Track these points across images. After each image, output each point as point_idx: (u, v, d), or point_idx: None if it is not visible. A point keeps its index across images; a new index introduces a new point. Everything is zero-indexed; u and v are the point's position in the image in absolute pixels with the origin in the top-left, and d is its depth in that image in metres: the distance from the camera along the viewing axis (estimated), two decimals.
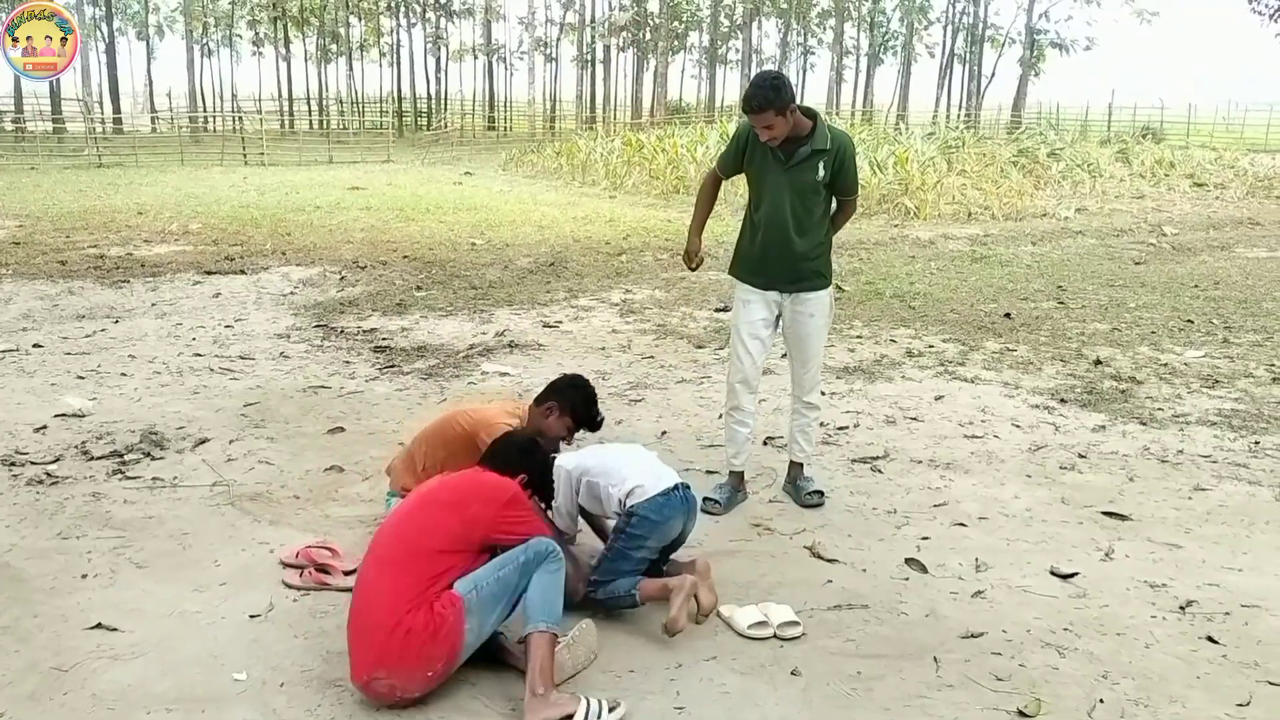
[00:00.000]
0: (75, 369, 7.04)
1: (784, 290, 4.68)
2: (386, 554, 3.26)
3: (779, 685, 3.31)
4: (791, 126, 4.41)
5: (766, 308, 4.72)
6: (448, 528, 3.27)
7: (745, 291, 4.75)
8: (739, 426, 4.84)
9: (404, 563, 3.19)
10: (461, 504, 3.35)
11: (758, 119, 4.33)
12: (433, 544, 3.23)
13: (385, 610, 3.11)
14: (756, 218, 4.68)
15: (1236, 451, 5.65)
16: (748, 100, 4.32)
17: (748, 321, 4.74)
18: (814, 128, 4.49)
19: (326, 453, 5.43)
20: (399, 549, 3.25)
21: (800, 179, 4.53)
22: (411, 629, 3.07)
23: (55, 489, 4.86)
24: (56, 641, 3.49)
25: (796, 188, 4.54)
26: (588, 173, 24.21)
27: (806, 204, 4.57)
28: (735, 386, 4.82)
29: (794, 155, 4.49)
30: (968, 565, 4.21)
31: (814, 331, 4.75)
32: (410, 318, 8.88)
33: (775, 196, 4.57)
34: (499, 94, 61.69)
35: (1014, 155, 24.14)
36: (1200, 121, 45.49)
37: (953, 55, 57.57)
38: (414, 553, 3.21)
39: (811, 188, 4.55)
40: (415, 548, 3.23)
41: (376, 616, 3.12)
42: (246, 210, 16.48)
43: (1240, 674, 3.41)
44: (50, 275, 10.55)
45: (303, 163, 28.83)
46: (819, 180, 4.54)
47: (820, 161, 4.50)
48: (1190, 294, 10.34)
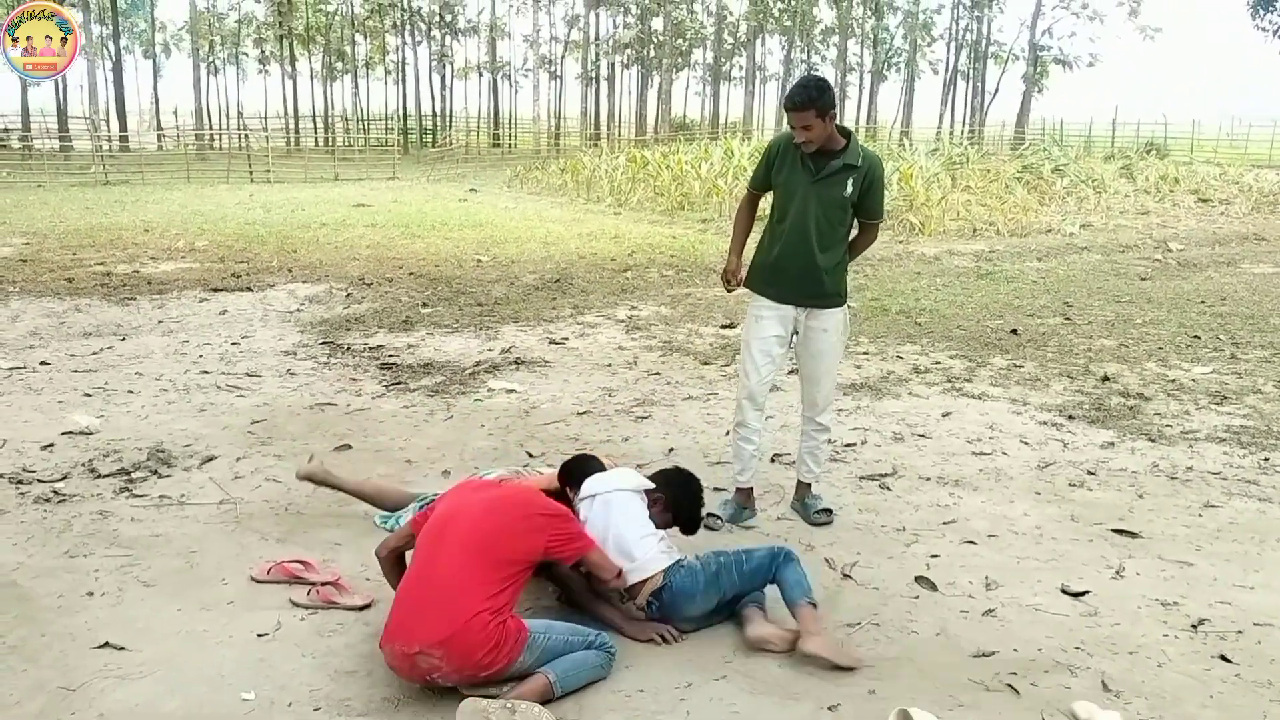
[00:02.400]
0: (82, 386, 7.05)
1: (800, 304, 4.65)
2: (470, 540, 3.33)
3: (789, 705, 3.29)
4: (827, 137, 4.42)
5: (781, 324, 4.68)
6: (516, 540, 3.38)
7: (760, 307, 4.71)
8: (745, 444, 4.81)
9: (486, 555, 3.29)
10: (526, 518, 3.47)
11: (798, 117, 4.32)
12: (510, 548, 3.35)
13: (466, 597, 3.20)
14: (779, 228, 4.64)
15: (1246, 468, 5.63)
16: (791, 97, 4.33)
17: (760, 337, 4.70)
18: (847, 144, 4.49)
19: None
20: (481, 539, 3.33)
21: (828, 193, 4.50)
22: (485, 629, 3.16)
23: (62, 507, 4.86)
24: (64, 660, 3.48)
25: (823, 201, 4.51)
26: (593, 189, 24.26)
27: (831, 219, 4.55)
28: (743, 403, 4.79)
29: (824, 168, 4.47)
30: (978, 583, 4.19)
31: (828, 348, 4.72)
32: (416, 334, 8.89)
33: (801, 207, 4.54)
34: (504, 111, 61.86)
35: (1018, 171, 24.20)
36: (1204, 137, 45.51)
37: (956, 72, 57.73)
38: (494, 548, 3.32)
39: (838, 203, 4.53)
40: (496, 543, 3.34)
41: (455, 600, 3.20)
42: (252, 227, 16.53)
43: (1254, 693, 3.38)
44: (57, 293, 10.58)
45: (308, 180, 28.93)
46: (846, 197, 4.52)
47: (850, 178, 4.49)
48: (1197, 310, 10.33)
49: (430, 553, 3.37)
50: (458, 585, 3.22)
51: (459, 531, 3.37)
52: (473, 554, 3.29)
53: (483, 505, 3.48)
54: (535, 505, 3.56)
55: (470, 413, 6.55)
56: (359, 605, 3.89)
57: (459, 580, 3.23)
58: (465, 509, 3.47)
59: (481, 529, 3.37)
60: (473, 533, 3.35)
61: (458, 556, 3.30)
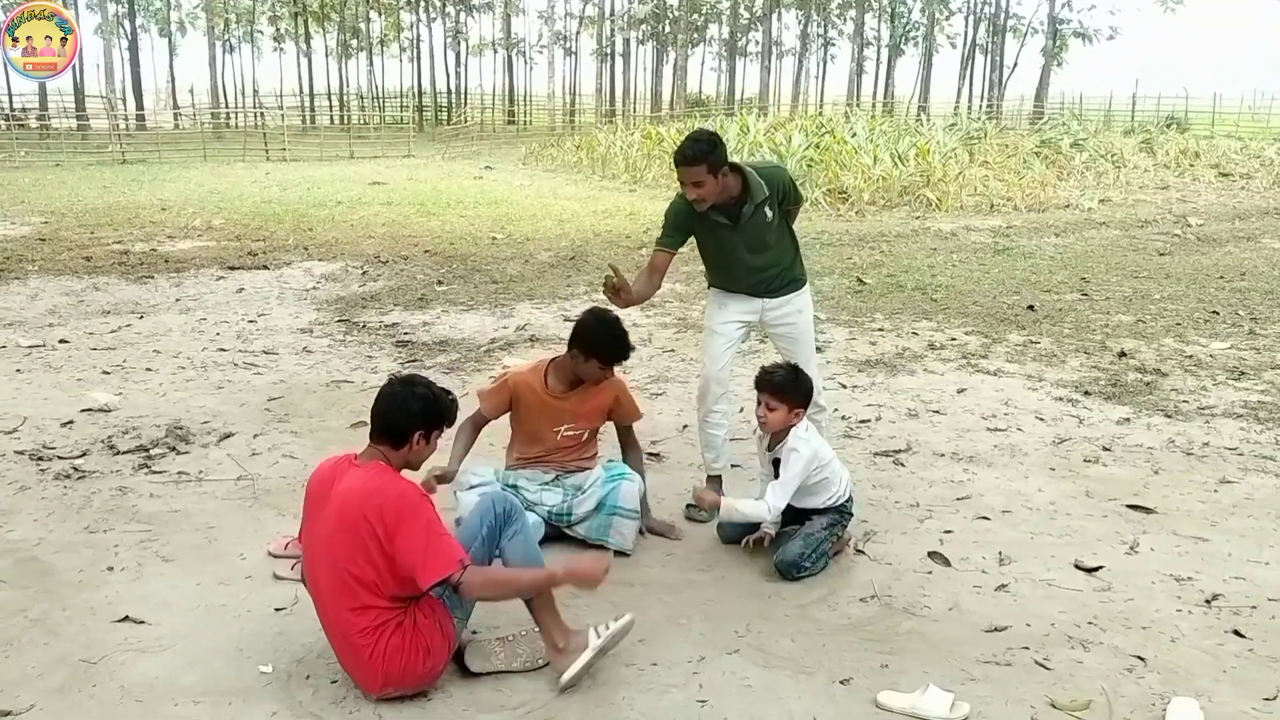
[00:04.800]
0: (101, 364, 7.10)
1: (765, 296, 4.59)
2: (325, 589, 3.12)
3: (802, 679, 3.31)
4: (722, 189, 4.30)
5: (744, 311, 4.61)
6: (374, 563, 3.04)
7: (723, 294, 4.66)
8: (715, 430, 4.72)
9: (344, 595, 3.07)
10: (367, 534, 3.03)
11: (689, 172, 4.21)
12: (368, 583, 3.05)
13: (355, 646, 3.07)
14: (721, 267, 4.61)
15: (1263, 444, 5.60)
16: (681, 151, 4.21)
17: (723, 322, 4.63)
18: (745, 183, 4.36)
19: (350, 447, 5.32)
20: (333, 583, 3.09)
21: (753, 231, 4.44)
22: (396, 647, 3.05)
23: (82, 483, 4.91)
24: (85, 634, 3.53)
25: (752, 238, 4.45)
26: (608, 166, 24.19)
27: (766, 243, 4.49)
28: (710, 389, 4.67)
29: (740, 216, 4.39)
30: (991, 559, 4.20)
31: (804, 330, 4.66)
32: (432, 312, 8.91)
33: (735, 254, 4.49)
34: (518, 88, 61.69)
35: (1036, 146, 23.99)
36: (1225, 111, 45.04)
37: (974, 46, 57.16)
38: (349, 584, 3.06)
39: (765, 229, 4.46)
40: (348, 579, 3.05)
41: (352, 653, 3.09)
42: (269, 206, 16.57)
43: (1268, 668, 3.38)
44: (75, 271, 10.64)
45: (324, 158, 28.97)
46: (769, 223, 4.45)
47: (766, 207, 4.41)
48: (1216, 285, 10.25)
49: (317, 600, 3.19)
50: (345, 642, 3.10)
51: (323, 582, 3.13)
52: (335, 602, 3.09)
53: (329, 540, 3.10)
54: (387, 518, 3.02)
55: None
56: None
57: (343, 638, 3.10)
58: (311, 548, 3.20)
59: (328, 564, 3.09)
60: (326, 578, 3.11)
61: (326, 609, 3.14)
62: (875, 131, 22.07)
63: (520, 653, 3.33)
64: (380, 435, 3.23)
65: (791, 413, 4.08)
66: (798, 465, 4.02)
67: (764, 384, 4.12)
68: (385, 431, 3.22)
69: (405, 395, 3.24)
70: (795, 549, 3.99)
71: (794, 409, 4.08)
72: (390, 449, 3.22)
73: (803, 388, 4.13)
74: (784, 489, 4.02)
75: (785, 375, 4.13)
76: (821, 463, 4.10)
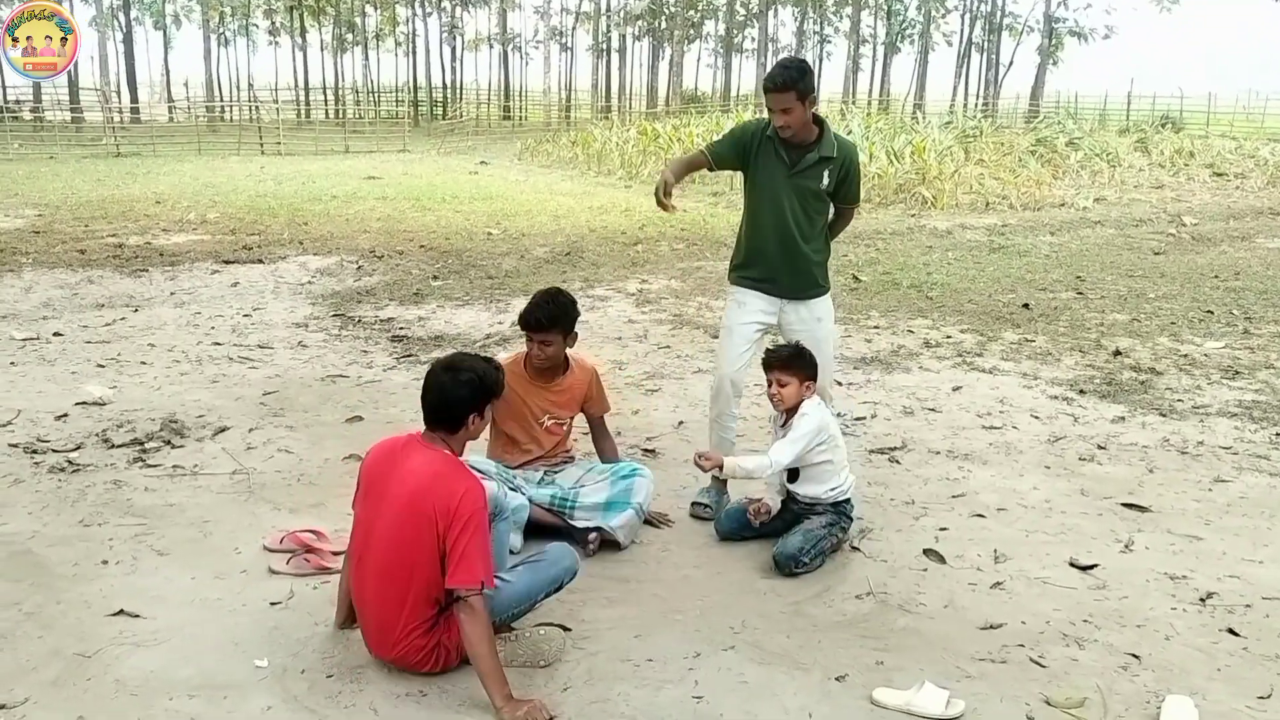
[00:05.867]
0: (95, 357, 7.09)
1: (787, 297, 4.54)
2: (385, 570, 3.18)
3: (797, 675, 3.31)
4: (803, 125, 4.31)
5: (764, 312, 4.56)
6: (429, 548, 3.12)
7: (744, 293, 4.60)
8: (725, 433, 4.68)
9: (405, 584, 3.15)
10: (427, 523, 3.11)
11: (778, 99, 4.21)
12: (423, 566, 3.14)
13: (391, 628, 3.18)
14: (757, 222, 4.53)
15: (1257, 443, 5.62)
16: (771, 78, 4.22)
17: (743, 322, 4.56)
18: (821, 134, 4.38)
19: (345, 441, 5.45)
20: (392, 560, 3.17)
21: (804, 185, 4.40)
22: (421, 647, 3.18)
23: (77, 476, 4.90)
24: (79, 628, 3.52)
25: (800, 194, 4.41)
26: (603, 162, 24.17)
27: (809, 211, 4.46)
28: (723, 391, 4.61)
29: (800, 161, 4.36)
30: (986, 556, 4.20)
31: (825, 335, 4.61)
32: (427, 307, 8.90)
33: (778, 202, 4.44)
34: (514, 83, 61.67)
35: (1032, 144, 24.03)
36: (1220, 110, 45.13)
37: (970, 44, 57.19)
38: (406, 568, 3.14)
39: (815, 194, 4.43)
40: (407, 563, 3.14)
41: (384, 631, 3.19)
42: (264, 200, 16.54)
43: (1261, 666, 3.39)
44: (70, 264, 10.61)
45: (319, 152, 28.91)
46: (823, 188, 4.42)
47: (826, 170, 4.39)
48: (1210, 284, 10.27)
49: (358, 567, 3.27)
50: (381, 619, 3.20)
51: (376, 556, 3.20)
52: (390, 582, 3.17)
53: (394, 519, 3.17)
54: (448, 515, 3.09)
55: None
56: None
57: (382, 613, 3.19)
58: (380, 519, 3.22)
59: (395, 556, 3.16)
60: (388, 561, 3.17)
61: (376, 586, 3.20)
62: (871, 129, 22.09)
63: (521, 652, 3.34)
64: (436, 423, 3.28)
65: (803, 386, 4.12)
66: (806, 427, 4.06)
67: (771, 362, 4.15)
68: (440, 420, 3.27)
69: (452, 383, 3.26)
70: (795, 543, 4.00)
71: (804, 382, 4.12)
72: (448, 434, 3.27)
73: (809, 360, 4.16)
74: (790, 447, 4.06)
75: (790, 350, 4.17)
76: (829, 435, 4.14)
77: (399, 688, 3.18)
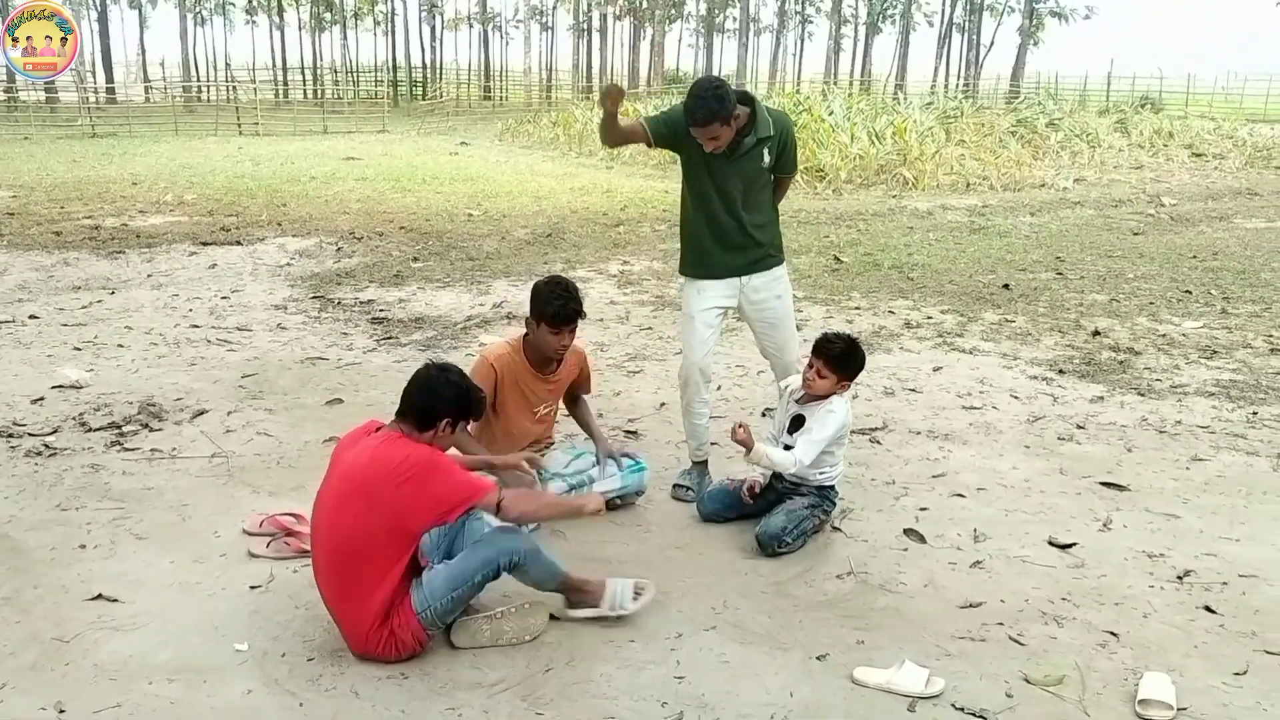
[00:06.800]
0: (72, 340, 7.02)
1: (743, 274, 4.49)
2: (328, 554, 3.19)
3: (778, 654, 3.32)
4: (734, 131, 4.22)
5: (723, 296, 4.51)
6: (374, 526, 3.10)
7: (700, 283, 4.54)
8: (697, 419, 4.65)
9: (346, 569, 3.14)
10: (373, 495, 3.09)
11: (703, 132, 4.12)
12: (367, 549, 3.12)
13: (350, 621, 3.18)
14: (702, 206, 4.45)
15: (1234, 422, 5.66)
16: (691, 113, 4.10)
17: (702, 309, 4.51)
18: (753, 114, 4.29)
19: (325, 424, 5.42)
20: (336, 553, 3.16)
21: (745, 168, 4.35)
22: (378, 641, 3.17)
23: (54, 460, 4.86)
24: (57, 612, 3.49)
25: (742, 176, 4.36)
26: (584, 143, 24.06)
27: (754, 189, 4.41)
28: (692, 379, 4.57)
29: (739, 147, 4.29)
30: (966, 536, 4.22)
31: (783, 313, 4.58)
32: (407, 289, 8.86)
33: (722, 186, 4.37)
34: (494, 63, 61.33)
35: (1012, 125, 24.05)
36: (1199, 91, 45.33)
37: (951, 24, 57.25)
38: (351, 558, 3.13)
39: (757, 173, 4.38)
40: (351, 553, 3.12)
41: (347, 622, 3.20)
42: (241, 181, 16.41)
43: (1238, 643, 3.42)
44: (45, 246, 10.50)
45: (297, 133, 28.69)
46: (764, 167, 4.38)
47: (765, 148, 4.34)
48: (1189, 265, 10.33)
49: (316, 563, 3.26)
50: (341, 614, 3.20)
51: (317, 542, 3.23)
52: (336, 572, 3.16)
53: (333, 496, 3.20)
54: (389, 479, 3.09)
55: (462, 367, 6.53)
56: None
57: (340, 608, 3.20)
58: (320, 515, 3.23)
59: (333, 535, 3.16)
60: (331, 548, 3.17)
61: (325, 573, 3.21)
62: (852, 110, 22.05)
63: (507, 629, 3.34)
64: (407, 415, 3.26)
65: (839, 383, 4.12)
66: (832, 425, 4.07)
67: (821, 351, 4.11)
68: (414, 413, 3.26)
69: (440, 381, 3.29)
70: (778, 523, 4.01)
71: (842, 380, 4.12)
72: (415, 430, 3.25)
73: (858, 363, 4.16)
74: (814, 446, 4.06)
75: (844, 348, 4.12)
76: (845, 434, 4.19)
77: (380, 671, 3.18)
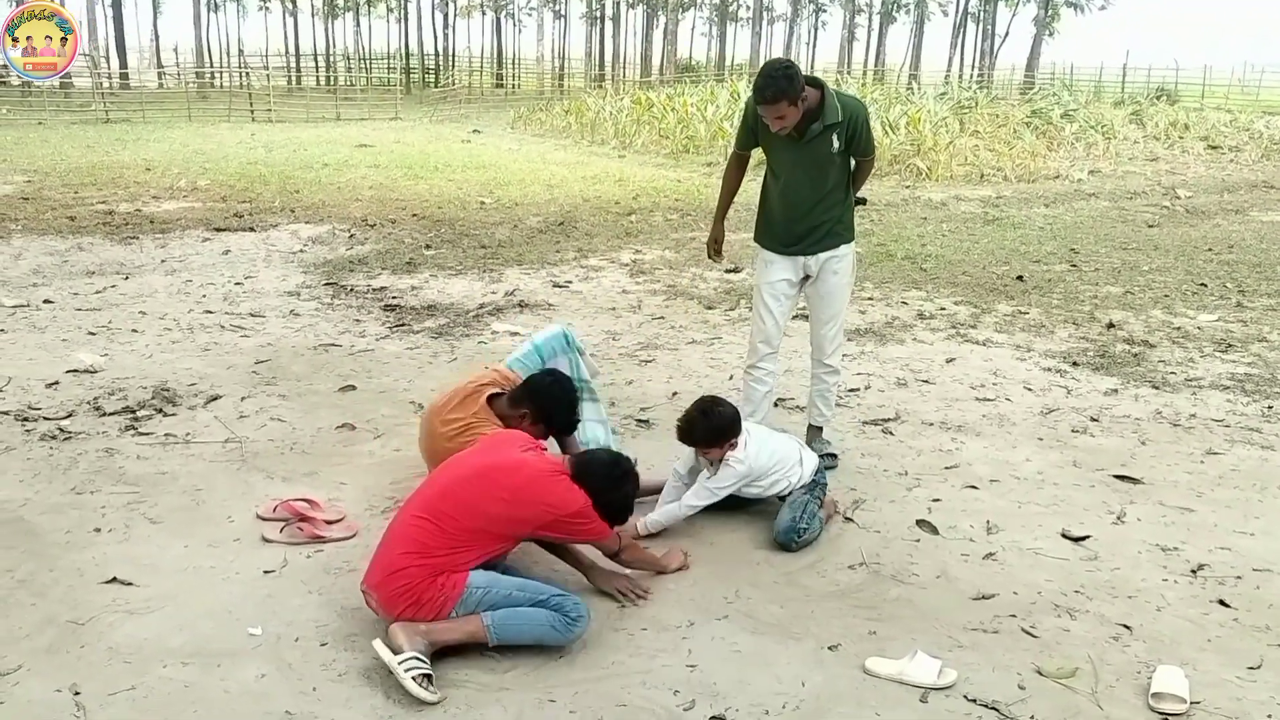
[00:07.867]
0: (86, 325, 7.05)
1: (809, 253, 4.62)
2: (433, 504, 3.28)
3: (790, 644, 3.32)
4: (803, 112, 4.29)
5: (790, 270, 4.67)
6: (496, 514, 3.26)
7: (768, 255, 4.71)
8: (757, 384, 4.80)
9: (443, 520, 3.22)
10: (521, 502, 3.29)
11: (770, 110, 4.21)
12: (476, 521, 3.24)
13: (401, 550, 3.21)
14: (776, 188, 4.63)
15: (1249, 416, 5.63)
16: (760, 91, 4.18)
17: (769, 281, 4.69)
18: (822, 100, 4.36)
19: (338, 410, 5.44)
20: (445, 505, 3.26)
21: (814, 153, 4.44)
22: (410, 585, 3.16)
23: (68, 444, 4.88)
24: (72, 595, 3.51)
25: (814, 159, 4.46)
26: (597, 131, 24.04)
27: (824, 173, 4.50)
28: (757, 345, 4.77)
29: (806, 132, 4.38)
30: (979, 527, 4.21)
31: (837, 289, 4.69)
32: (420, 276, 8.86)
33: (791, 171, 4.52)
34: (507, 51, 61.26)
35: (1027, 116, 23.92)
36: (1216, 83, 44.97)
37: (966, 14, 56.94)
38: (455, 515, 3.23)
39: (827, 159, 4.46)
40: (459, 511, 3.24)
41: (391, 550, 3.24)
42: (254, 167, 16.42)
43: (1251, 637, 3.41)
44: (60, 231, 10.54)
45: (310, 120, 28.71)
46: (833, 152, 4.45)
47: (834, 134, 4.40)
48: (1204, 257, 10.27)
49: (405, 506, 3.40)
50: (398, 537, 3.26)
51: (430, 489, 3.38)
52: (427, 514, 3.25)
53: (476, 468, 3.38)
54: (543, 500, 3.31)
55: (474, 355, 6.55)
56: (343, 537, 3.95)
57: (402, 533, 3.26)
58: (454, 472, 3.42)
59: (453, 495, 3.30)
60: (439, 496, 3.31)
61: (413, 512, 3.30)
62: (866, 99, 21.90)
63: None
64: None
65: (725, 446, 4.03)
66: (729, 479, 4.04)
67: (687, 440, 4.08)
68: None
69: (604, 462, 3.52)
70: (786, 517, 3.99)
71: (725, 444, 4.03)
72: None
73: (715, 425, 4.01)
74: (708, 494, 4.05)
75: (699, 424, 4.02)
76: (757, 476, 4.08)
77: None
